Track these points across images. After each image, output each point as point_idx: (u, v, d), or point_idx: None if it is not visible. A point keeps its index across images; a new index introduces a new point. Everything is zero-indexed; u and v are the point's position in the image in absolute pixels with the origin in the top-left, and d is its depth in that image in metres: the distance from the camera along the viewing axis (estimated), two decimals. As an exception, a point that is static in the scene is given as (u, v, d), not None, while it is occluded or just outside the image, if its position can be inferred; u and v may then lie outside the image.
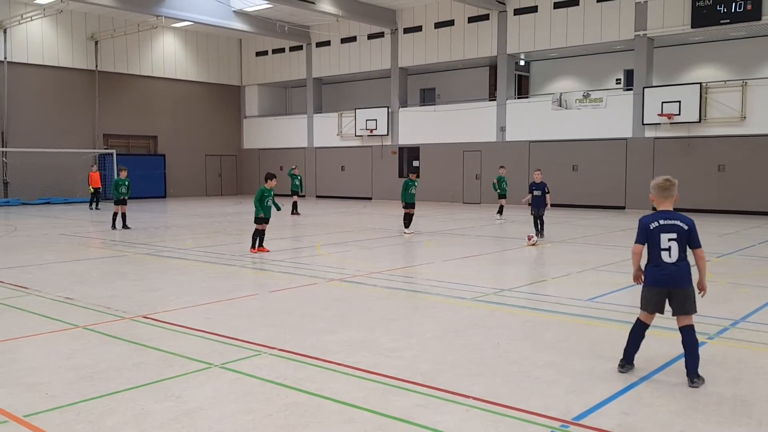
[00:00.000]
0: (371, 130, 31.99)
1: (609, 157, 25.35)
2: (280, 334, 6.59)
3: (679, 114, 23.01)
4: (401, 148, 31.84)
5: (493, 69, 29.67)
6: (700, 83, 23.13)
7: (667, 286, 5.20)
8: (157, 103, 34.47)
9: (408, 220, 16.63)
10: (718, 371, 5.45)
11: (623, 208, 24.95)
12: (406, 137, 31.56)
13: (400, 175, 31.89)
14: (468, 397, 4.74)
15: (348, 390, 4.92)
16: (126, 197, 17.53)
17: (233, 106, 38.05)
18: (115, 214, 17.55)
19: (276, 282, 9.77)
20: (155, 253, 12.80)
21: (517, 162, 27.69)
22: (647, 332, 5.53)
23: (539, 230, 15.29)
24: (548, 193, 15.33)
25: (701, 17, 22.58)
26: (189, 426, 4.26)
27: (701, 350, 6.04)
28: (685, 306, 5.23)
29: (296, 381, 5.11)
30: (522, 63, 30.11)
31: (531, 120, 27.38)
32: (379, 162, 32.51)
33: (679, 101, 23.01)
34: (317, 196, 34.84)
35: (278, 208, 13.36)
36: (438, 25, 29.83)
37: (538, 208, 15.31)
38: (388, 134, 31.81)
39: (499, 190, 20.99)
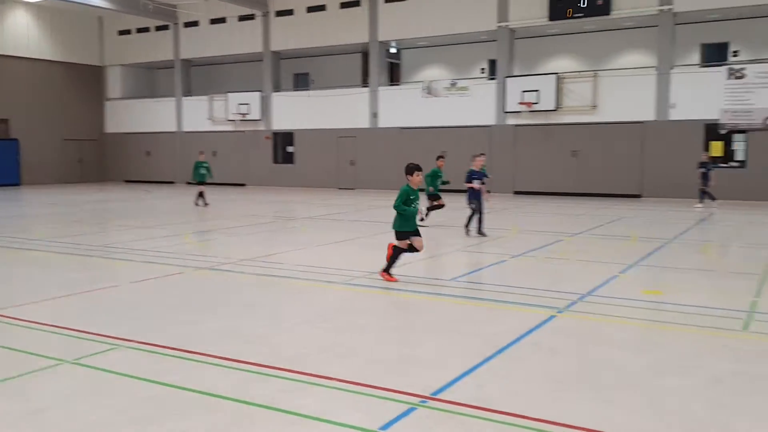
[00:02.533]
0: (244, 115, 31.31)
1: (474, 143, 26.35)
2: (141, 326, 6.34)
3: (538, 102, 24.35)
4: (275, 134, 31.43)
5: (366, 56, 29.92)
6: (557, 74, 24.59)
7: None
8: (8, 84, 31.77)
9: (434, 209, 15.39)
10: (566, 342, 5.86)
11: (488, 191, 26.06)
12: (281, 122, 31.18)
13: (275, 161, 31.53)
14: (332, 379, 4.81)
15: (211, 380, 4.83)
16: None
17: (94, 88, 35.78)
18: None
19: (139, 272, 9.37)
20: (5, 245, 11.85)
21: (390, 148, 28.20)
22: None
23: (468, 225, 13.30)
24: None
25: (558, 11, 23.96)
26: (36, 427, 4.02)
27: (552, 323, 6.49)
28: None
29: (155, 374, 4.95)
30: (393, 50, 30.57)
31: (402, 107, 27.92)
32: (253, 147, 31.90)
33: (538, 90, 24.34)
34: (188, 183, 33.67)
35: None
36: (310, 9, 29.61)
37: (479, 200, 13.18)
38: (261, 119, 31.28)
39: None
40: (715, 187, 19.32)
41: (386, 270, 8.49)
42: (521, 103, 24.67)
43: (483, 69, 29.20)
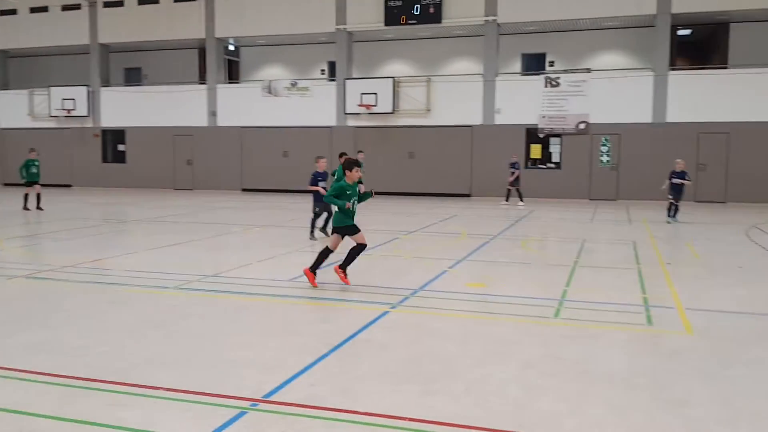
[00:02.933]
0: (69, 111, 29.12)
1: (316, 144, 26.54)
2: (-58, 344, 5.73)
3: (376, 105, 25.02)
4: (105, 131, 29.57)
5: (203, 52, 29.01)
6: (393, 77, 25.41)
7: None
8: None
9: None
10: (397, 337, 6.12)
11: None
12: (110, 119, 29.38)
13: (105, 160, 29.67)
14: (159, 388, 4.66)
15: (25, 397, 4.49)
16: None
17: None
18: None
19: (-59, 285, 8.44)
20: None
21: (230, 148, 27.62)
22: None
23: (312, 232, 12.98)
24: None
25: (392, 16, 24.77)
26: None
27: (385, 319, 6.73)
28: None
29: (-42, 395, 4.51)
30: (232, 48, 29.92)
31: (243, 106, 27.43)
32: (79, 145, 29.76)
33: (376, 93, 25.00)
34: (5, 184, 30.69)
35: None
36: (142, 2, 28.17)
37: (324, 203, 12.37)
38: (89, 115, 29.27)
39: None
40: (520, 185, 20.99)
41: (312, 268, 8.29)
42: (361, 105, 25.20)
43: (323, 70, 29.46)
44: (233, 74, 30.68)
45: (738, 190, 21.88)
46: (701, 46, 26.90)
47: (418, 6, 24.37)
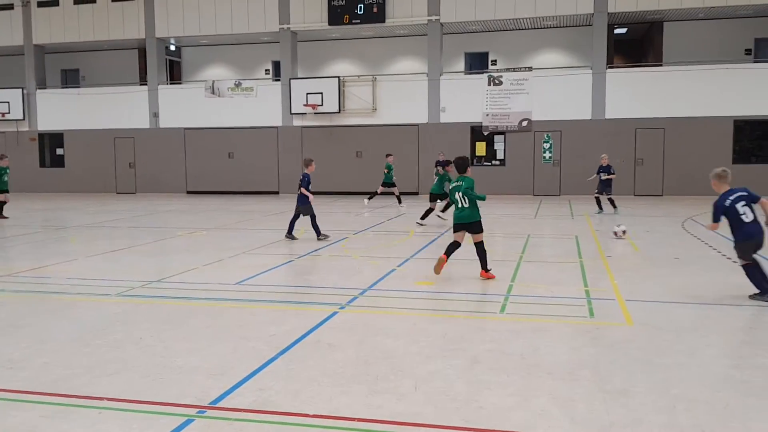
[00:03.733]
0: (3, 114, 28.06)
1: (262, 144, 26.32)
2: None
3: (322, 105, 24.94)
4: (41, 135, 28.61)
5: (143, 52, 28.36)
6: (339, 77, 25.36)
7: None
8: None
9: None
10: (346, 337, 6.12)
11: (277, 193, 26.20)
12: (48, 122, 28.44)
13: (41, 165, 28.72)
14: (101, 398, 4.55)
15: (-43, 414, 4.32)
16: None
17: None
18: None
19: None
20: None
21: (174, 150, 27.11)
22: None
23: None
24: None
25: (336, 16, 24.72)
26: None
27: (334, 320, 6.72)
28: None
29: None
30: (173, 48, 29.34)
31: (185, 107, 26.94)
32: (14, 150, 28.68)
33: (322, 93, 24.91)
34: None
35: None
36: (78, 1, 27.35)
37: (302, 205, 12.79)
38: (24, 119, 28.28)
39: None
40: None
41: (483, 267, 8.84)
42: (306, 105, 25.07)
43: (267, 70, 29.21)
44: (175, 75, 30.11)
45: (674, 184, 22.66)
46: (637, 44, 27.79)
47: (362, 5, 24.40)
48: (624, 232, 12.55)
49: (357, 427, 4.11)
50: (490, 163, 24.43)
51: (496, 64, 26.57)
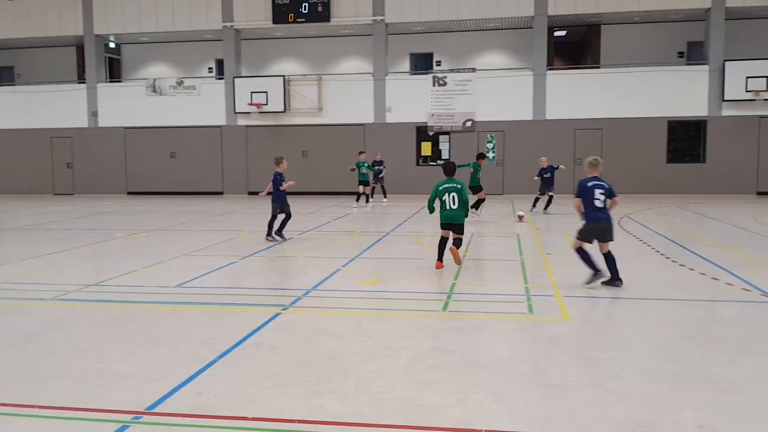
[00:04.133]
0: (-72, 112, 26.83)
1: (206, 144, 25.89)
2: None
3: (267, 104, 24.70)
4: (-29, 134, 27.46)
5: (81, 49, 27.53)
6: (284, 76, 25.17)
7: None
8: None
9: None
10: (288, 338, 6.08)
11: (221, 193, 25.82)
12: (-22, 121, 27.33)
13: (-29, 165, 27.59)
14: (35, 406, 4.41)
15: None
16: None
17: None
18: None
19: None
20: None
21: (113, 149, 26.42)
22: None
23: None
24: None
25: (281, 14, 24.53)
26: None
27: (276, 321, 6.68)
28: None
29: None
30: (112, 45, 28.57)
31: (126, 105, 26.29)
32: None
33: (267, 92, 24.68)
34: None
35: None
36: (11, -4, 26.38)
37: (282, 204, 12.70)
38: (-47, 117, 27.10)
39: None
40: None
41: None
42: (251, 104, 24.79)
43: (211, 68, 28.75)
44: (115, 73, 29.34)
45: (611, 182, 23.12)
46: (577, 46, 28.49)
47: (306, 4, 24.29)
48: (521, 217, 15.16)
49: (297, 429, 4.10)
50: (435, 163, 24.64)
51: (440, 65, 26.83)
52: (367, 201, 20.13)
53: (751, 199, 21.74)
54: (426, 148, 24.60)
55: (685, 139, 23.41)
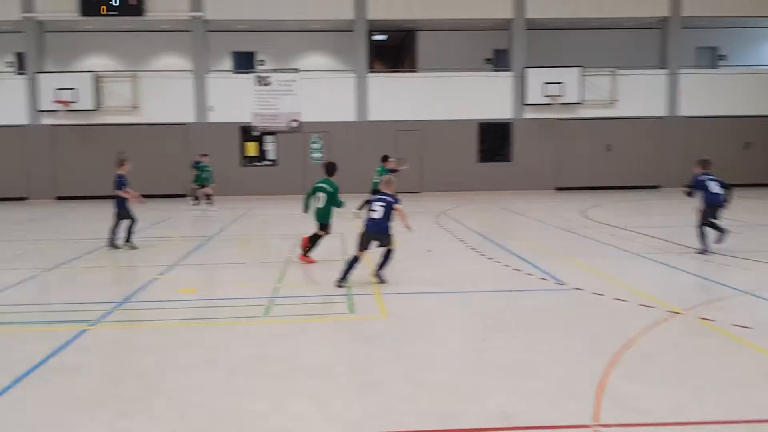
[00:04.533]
0: None
1: (5, 145, 23.48)
2: None
3: (76, 102, 22.92)
4: None
5: None
6: (94, 72, 23.52)
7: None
8: None
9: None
10: (95, 357, 5.68)
11: (26, 198, 23.59)
12: None
13: None
14: None
15: None
16: None
17: None
18: None
19: None
20: None
21: None
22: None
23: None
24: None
25: (90, 6, 22.87)
26: None
27: (81, 339, 6.22)
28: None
29: None
30: None
31: None
32: None
33: (75, 89, 22.90)
34: None
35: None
36: None
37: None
38: None
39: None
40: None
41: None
42: (57, 102, 22.86)
43: (10, 62, 26.07)
44: None
45: (431, 181, 24.50)
46: (395, 51, 29.56)
47: (118, -3, 22.89)
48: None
49: (101, 455, 3.86)
50: (260, 163, 24.36)
51: (263, 64, 26.53)
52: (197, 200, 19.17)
53: (550, 194, 23.92)
54: (251, 149, 24.23)
55: (494, 140, 25.19)
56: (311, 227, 15.07)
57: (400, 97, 24.36)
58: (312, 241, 10.22)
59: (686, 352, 5.68)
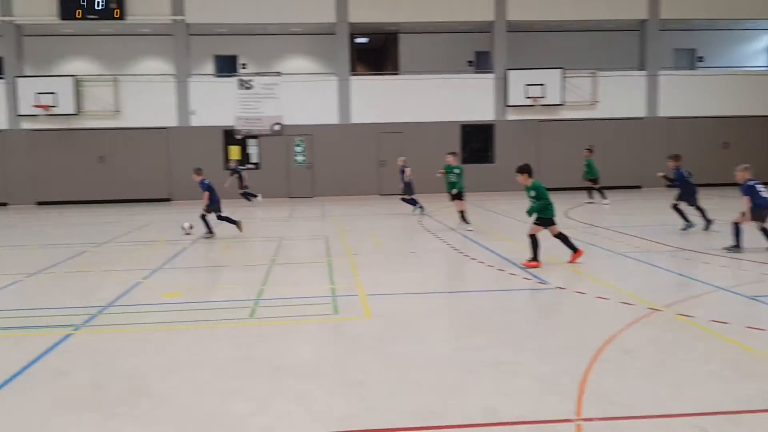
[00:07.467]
0: None
1: (-16, 150, 23.25)
2: None
3: (56, 106, 22.76)
4: None
5: None
6: (75, 76, 23.35)
7: None
8: None
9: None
10: (80, 361, 5.67)
11: (5, 204, 23.34)
12: None
13: None
14: None
15: None
16: None
17: None
18: None
19: None
20: None
21: None
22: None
23: None
24: None
25: (68, 10, 22.70)
26: None
27: (66, 343, 6.21)
28: None
29: None
30: None
31: None
32: None
33: (55, 93, 22.72)
34: None
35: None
36: None
37: None
38: None
39: None
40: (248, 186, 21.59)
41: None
42: (37, 106, 22.67)
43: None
44: None
45: (416, 183, 24.50)
46: (377, 53, 29.64)
47: (98, 0, 22.72)
48: (191, 226, 13.75)
49: (88, 457, 3.87)
50: (244, 167, 24.27)
51: (246, 68, 26.49)
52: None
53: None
54: (234, 152, 24.16)
55: (478, 142, 25.33)
56: (297, 229, 15.07)
57: (382, 100, 24.43)
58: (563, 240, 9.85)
59: (665, 347, 5.79)
